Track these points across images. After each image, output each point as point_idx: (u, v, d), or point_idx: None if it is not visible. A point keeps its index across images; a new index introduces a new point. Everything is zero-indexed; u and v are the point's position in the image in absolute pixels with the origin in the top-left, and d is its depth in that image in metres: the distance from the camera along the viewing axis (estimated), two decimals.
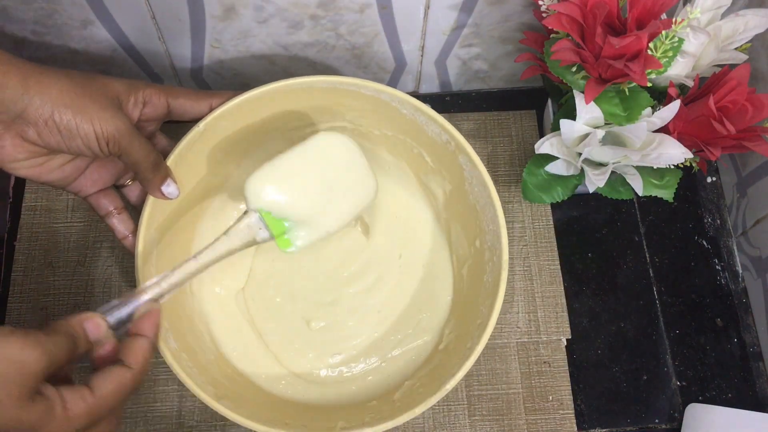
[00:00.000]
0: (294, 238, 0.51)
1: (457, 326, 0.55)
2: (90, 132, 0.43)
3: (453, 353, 0.52)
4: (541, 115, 0.67)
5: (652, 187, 0.54)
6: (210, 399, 0.45)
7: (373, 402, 0.53)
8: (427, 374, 0.53)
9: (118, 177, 0.51)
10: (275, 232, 0.50)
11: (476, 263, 0.54)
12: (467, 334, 0.51)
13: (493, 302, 0.48)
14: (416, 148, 0.57)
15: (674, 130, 0.50)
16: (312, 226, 0.51)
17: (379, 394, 0.54)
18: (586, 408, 0.57)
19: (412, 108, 0.52)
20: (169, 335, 0.48)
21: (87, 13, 0.53)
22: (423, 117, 0.53)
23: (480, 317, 0.50)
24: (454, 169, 0.54)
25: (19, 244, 0.61)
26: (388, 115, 0.54)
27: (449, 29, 0.58)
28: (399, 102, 0.53)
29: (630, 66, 0.46)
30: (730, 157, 0.64)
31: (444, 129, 0.52)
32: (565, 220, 0.63)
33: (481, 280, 0.52)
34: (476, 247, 0.54)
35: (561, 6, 0.47)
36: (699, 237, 0.63)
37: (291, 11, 0.54)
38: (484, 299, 0.51)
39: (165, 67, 0.61)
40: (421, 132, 0.54)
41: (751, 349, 0.59)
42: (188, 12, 0.54)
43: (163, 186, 0.49)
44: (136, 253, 0.49)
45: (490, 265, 0.51)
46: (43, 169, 0.45)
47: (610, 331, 0.60)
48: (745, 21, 0.51)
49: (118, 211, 0.51)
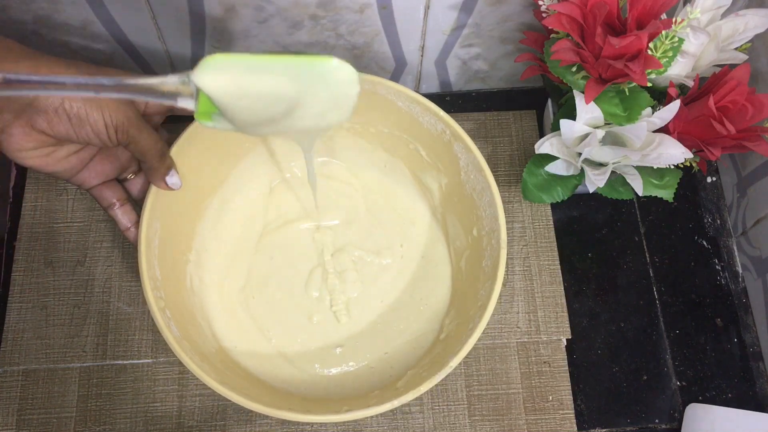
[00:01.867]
0: (216, 120, 0.43)
1: (458, 315, 0.55)
2: (99, 120, 0.43)
3: (454, 339, 0.52)
4: (541, 115, 0.67)
5: (652, 187, 0.54)
6: (213, 382, 0.45)
7: (375, 392, 0.53)
8: (429, 362, 0.53)
9: (121, 171, 0.51)
10: (200, 109, 0.42)
11: (474, 252, 0.55)
12: (468, 318, 0.51)
13: (493, 283, 0.49)
14: (412, 143, 0.57)
15: (674, 130, 0.50)
16: (241, 128, 0.44)
17: (382, 384, 0.54)
18: (586, 408, 0.57)
19: (408, 99, 0.53)
20: (171, 323, 0.48)
21: (87, 13, 0.53)
22: (418, 107, 0.53)
23: (480, 299, 0.50)
24: (449, 159, 0.55)
25: (19, 244, 0.61)
26: (384, 110, 0.55)
27: (449, 29, 0.58)
28: (395, 94, 0.53)
29: (630, 66, 0.46)
30: (730, 157, 0.64)
31: (439, 118, 0.53)
32: (565, 220, 0.63)
33: (480, 266, 0.53)
34: (474, 236, 0.55)
35: (561, 6, 0.47)
36: (699, 237, 0.63)
37: (291, 11, 0.54)
38: (483, 283, 0.51)
39: (165, 67, 0.61)
40: (417, 125, 0.55)
41: (751, 349, 0.59)
42: (188, 12, 0.54)
43: (167, 176, 0.50)
44: (139, 243, 0.49)
45: (489, 249, 0.52)
46: (49, 160, 0.46)
47: (610, 331, 0.60)
48: (745, 21, 0.51)
49: (121, 203, 0.51)
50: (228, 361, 0.54)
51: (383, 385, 0.54)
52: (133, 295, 0.59)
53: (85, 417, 0.56)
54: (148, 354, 0.57)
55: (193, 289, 0.56)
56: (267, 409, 0.45)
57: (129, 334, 0.58)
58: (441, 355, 0.52)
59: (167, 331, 0.46)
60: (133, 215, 0.52)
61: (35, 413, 0.56)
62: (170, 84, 0.41)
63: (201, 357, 0.49)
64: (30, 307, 0.59)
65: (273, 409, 0.45)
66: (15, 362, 0.57)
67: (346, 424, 0.56)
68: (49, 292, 0.59)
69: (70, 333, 0.58)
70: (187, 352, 0.46)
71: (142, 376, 0.57)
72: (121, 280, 0.60)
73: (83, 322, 0.58)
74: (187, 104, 0.42)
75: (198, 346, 0.50)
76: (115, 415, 0.56)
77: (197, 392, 0.56)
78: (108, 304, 0.59)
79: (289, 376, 0.56)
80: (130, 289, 0.59)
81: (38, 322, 0.58)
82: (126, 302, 0.59)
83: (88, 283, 0.60)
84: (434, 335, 0.57)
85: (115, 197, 0.51)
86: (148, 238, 0.50)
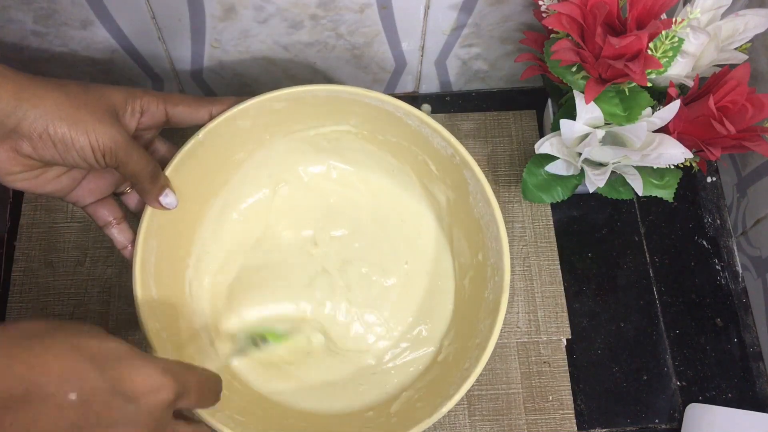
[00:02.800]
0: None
1: (456, 339, 0.54)
2: (86, 145, 0.42)
3: (452, 367, 0.51)
4: (541, 115, 0.67)
5: (652, 187, 0.54)
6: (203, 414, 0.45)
7: (369, 413, 0.52)
8: (425, 386, 0.53)
9: (117, 185, 0.50)
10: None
11: (478, 276, 0.54)
12: (465, 351, 0.50)
13: (493, 323, 0.48)
14: (421, 155, 0.56)
15: (674, 130, 0.50)
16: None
17: (376, 404, 0.53)
18: (586, 408, 0.57)
19: (417, 120, 0.52)
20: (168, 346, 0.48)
21: (87, 13, 0.53)
22: (428, 129, 0.52)
23: (479, 336, 0.50)
24: (458, 180, 0.53)
25: (19, 244, 0.61)
26: (392, 123, 0.54)
27: (449, 29, 0.58)
28: (404, 113, 0.52)
29: (630, 66, 0.46)
30: (730, 157, 0.64)
31: (449, 143, 0.51)
32: (565, 220, 0.63)
33: (483, 296, 0.52)
34: (479, 259, 0.54)
35: (561, 6, 0.47)
36: (699, 237, 0.63)
37: (291, 11, 0.54)
38: (484, 317, 0.50)
39: (165, 68, 0.61)
40: (426, 142, 0.54)
41: (751, 349, 0.59)
42: (188, 12, 0.54)
43: (161, 197, 0.48)
44: (134, 264, 0.48)
45: (492, 283, 0.51)
46: (39, 182, 0.45)
47: (610, 331, 0.60)
48: (745, 21, 0.51)
49: (117, 222, 0.50)
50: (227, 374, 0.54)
51: (377, 405, 0.53)
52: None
53: None
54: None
55: (192, 294, 0.56)
56: None
57: (129, 335, 0.58)
58: (437, 380, 0.52)
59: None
60: (129, 234, 0.50)
61: None
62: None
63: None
64: (30, 307, 0.59)
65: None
66: None
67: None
68: (49, 292, 0.59)
69: None
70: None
71: None
72: (121, 280, 0.60)
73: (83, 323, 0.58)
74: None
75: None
76: None
77: None
78: (108, 304, 0.59)
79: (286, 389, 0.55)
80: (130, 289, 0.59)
81: None
82: (126, 302, 0.59)
83: (88, 283, 0.60)
84: (432, 356, 0.56)
85: (111, 216, 0.50)
86: (143, 260, 0.48)
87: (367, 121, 0.55)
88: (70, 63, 0.60)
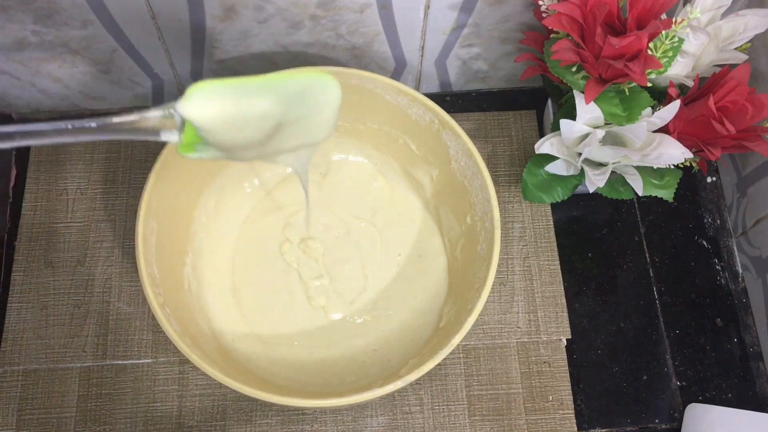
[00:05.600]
0: (201, 150, 0.43)
1: (455, 303, 0.55)
2: None
3: (454, 323, 0.52)
4: (541, 115, 0.67)
5: (652, 187, 0.54)
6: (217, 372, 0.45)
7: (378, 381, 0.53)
8: (431, 349, 0.53)
9: None
10: (185, 141, 0.42)
11: (469, 239, 0.55)
12: (465, 301, 0.51)
13: (489, 265, 0.49)
14: (401, 137, 0.58)
15: (674, 130, 0.50)
16: (228, 154, 0.43)
17: (384, 375, 0.54)
18: (586, 408, 0.57)
19: (395, 91, 0.54)
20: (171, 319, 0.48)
21: (87, 13, 0.53)
22: (405, 99, 0.54)
23: (477, 282, 0.51)
24: (439, 149, 0.55)
25: (19, 244, 0.61)
26: (372, 105, 0.55)
27: (449, 29, 0.58)
28: (382, 88, 0.54)
29: (630, 66, 0.46)
30: (730, 157, 0.64)
31: (427, 107, 0.53)
32: (565, 220, 0.63)
33: (476, 251, 0.53)
34: (467, 223, 0.55)
35: (561, 6, 0.47)
36: (699, 237, 0.63)
37: (291, 11, 0.54)
38: (479, 266, 0.52)
39: (165, 67, 0.61)
40: (405, 117, 0.55)
41: (751, 349, 0.59)
42: (188, 12, 0.54)
43: None
44: (137, 241, 0.49)
45: (483, 233, 0.52)
46: None
47: (610, 331, 0.60)
48: (745, 21, 0.51)
49: None
50: (229, 359, 0.54)
51: (385, 376, 0.54)
52: (133, 295, 0.59)
53: (85, 417, 0.56)
54: (148, 354, 0.57)
55: (191, 290, 0.56)
56: (270, 396, 0.45)
57: (129, 334, 0.58)
58: (442, 341, 0.52)
59: (168, 326, 0.46)
60: None
61: (35, 413, 0.56)
62: (152, 118, 0.39)
63: (202, 353, 0.49)
64: (30, 307, 0.59)
65: (276, 396, 0.45)
66: (15, 362, 0.57)
67: (346, 424, 0.56)
68: (49, 292, 0.59)
69: (70, 333, 0.58)
70: (189, 347, 0.46)
71: (142, 376, 0.57)
72: (121, 280, 0.60)
73: (83, 322, 0.58)
74: (171, 137, 0.41)
75: (199, 343, 0.50)
76: (114, 415, 0.56)
77: (197, 392, 0.56)
78: (108, 304, 0.59)
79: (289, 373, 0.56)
80: (130, 289, 0.59)
81: (38, 322, 0.58)
82: (126, 302, 0.59)
83: (88, 283, 0.60)
84: (433, 325, 0.57)
85: None
86: (145, 236, 0.49)
87: (350, 107, 0.55)
88: (69, 63, 0.60)
